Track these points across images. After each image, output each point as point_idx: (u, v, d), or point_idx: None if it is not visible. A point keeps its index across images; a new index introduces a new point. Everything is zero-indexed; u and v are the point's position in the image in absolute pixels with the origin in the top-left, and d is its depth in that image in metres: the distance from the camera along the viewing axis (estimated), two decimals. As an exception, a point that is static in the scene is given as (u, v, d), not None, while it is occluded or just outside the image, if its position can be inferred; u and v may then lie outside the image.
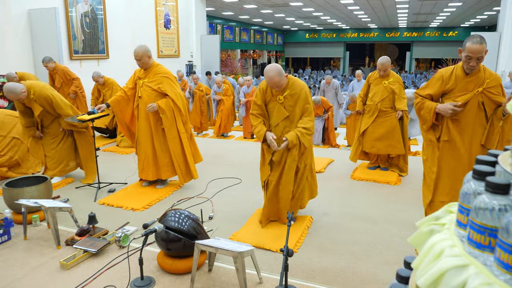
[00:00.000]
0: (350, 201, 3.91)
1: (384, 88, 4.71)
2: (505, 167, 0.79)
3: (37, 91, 4.13)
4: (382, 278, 2.55)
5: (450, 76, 2.85)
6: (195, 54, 13.17)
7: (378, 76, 4.83)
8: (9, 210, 3.19)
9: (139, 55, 4.01)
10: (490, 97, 2.77)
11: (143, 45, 4.10)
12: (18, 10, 7.47)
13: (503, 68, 10.14)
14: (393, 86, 4.69)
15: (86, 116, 4.13)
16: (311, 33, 28.23)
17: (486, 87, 2.76)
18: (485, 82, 2.77)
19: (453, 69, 2.86)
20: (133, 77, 4.20)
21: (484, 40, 2.59)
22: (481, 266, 0.71)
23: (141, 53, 4.00)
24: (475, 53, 2.60)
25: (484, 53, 2.61)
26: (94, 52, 9.18)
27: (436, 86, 2.90)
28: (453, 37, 24.16)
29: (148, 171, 4.10)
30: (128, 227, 3.24)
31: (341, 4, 15.46)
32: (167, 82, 4.02)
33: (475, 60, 2.63)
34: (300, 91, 3.09)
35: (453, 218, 0.90)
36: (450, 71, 2.86)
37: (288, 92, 3.10)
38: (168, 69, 4.19)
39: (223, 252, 2.25)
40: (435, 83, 2.91)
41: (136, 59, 4.04)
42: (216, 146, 6.51)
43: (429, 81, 3.00)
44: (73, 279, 2.51)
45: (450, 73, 2.86)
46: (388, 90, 4.69)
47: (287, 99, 3.11)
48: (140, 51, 4.01)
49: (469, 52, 2.62)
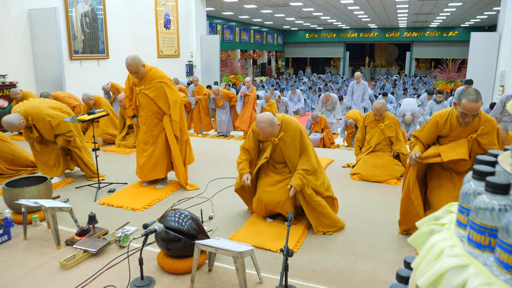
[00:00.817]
0: (350, 201, 3.91)
1: (381, 131, 4.72)
2: (505, 167, 0.79)
3: (35, 117, 4.07)
4: (382, 278, 2.55)
5: (444, 124, 2.83)
6: (195, 54, 13.17)
7: (373, 119, 4.79)
8: (9, 210, 3.19)
9: (134, 68, 3.79)
10: (481, 144, 2.77)
11: (134, 56, 3.81)
12: (18, 10, 7.47)
13: (503, 68, 10.15)
14: (389, 129, 4.69)
15: (86, 116, 4.13)
16: (311, 33, 28.23)
17: (480, 133, 2.75)
18: (479, 128, 2.75)
19: (448, 116, 2.81)
20: (128, 83, 4.07)
21: (479, 96, 2.55)
22: (481, 266, 0.71)
23: (135, 65, 3.78)
24: (470, 111, 2.56)
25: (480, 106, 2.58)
26: (94, 52, 9.18)
27: (430, 131, 2.91)
28: (453, 37, 24.17)
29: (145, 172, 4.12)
30: (128, 227, 3.24)
31: (341, 4, 15.47)
32: (164, 91, 3.91)
33: (471, 116, 2.61)
34: (295, 132, 3.10)
35: (453, 218, 0.90)
36: (445, 118, 2.82)
37: (282, 134, 3.11)
38: (163, 72, 4.06)
39: (223, 252, 2.25)
40: (430, 129, 2.91)
41: (133, 73, 3.84)
42: (216, 146, 6.51)
43: (424, 124, 3.01)
44: (73, 279, 2.51)
45: (445, 120, 2.82)
46: (384, 133, 4.71)
47: (281, 141, 3.12)
48: (134, 63, 3.77)
49: (464, 109, 2.57)
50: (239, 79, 13.39)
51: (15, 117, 3.95)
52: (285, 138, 3.11)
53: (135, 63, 3.78)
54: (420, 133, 3.00)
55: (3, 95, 7.26)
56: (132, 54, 3.85)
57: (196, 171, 4.78)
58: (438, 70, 11.23)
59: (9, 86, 7.25)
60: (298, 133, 3.11)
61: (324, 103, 8.81)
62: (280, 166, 3.25)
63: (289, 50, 30.25)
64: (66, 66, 8.14)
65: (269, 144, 3.19)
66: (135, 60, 3.78)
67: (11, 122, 3.91)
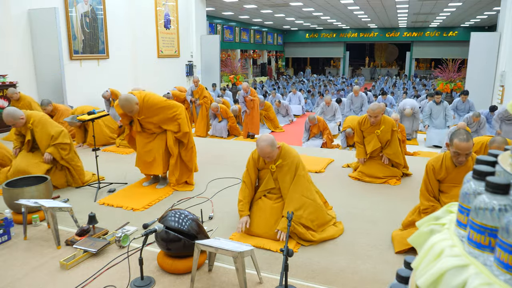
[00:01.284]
0: (350, 201, 3.91)
1: (377, 138, 4.53)
2: (505, 167, 0.79)
3: (37, 119, 4.10)
4: (382, 278, 2.55)
5: (440, 168, 2.88)
6: (195, 54, 13.17)
7: (369, 125, 4.56)
8: (9, 210, 3.19)
9: (128, 108, 3.71)
10: None
11: (126, 96, 3.69)
12: (18, 10, 7.47)
13: (503, 68, 10.14)
14: (385, 135, 4.51)
15: (86, 116, 4.14)
16: (311, 33, 28.23)
17: None
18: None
19: (442, 160, 2.88)
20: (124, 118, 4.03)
21: (470, 136, 2.62)
22: (481, 266, 0.71)
23: (129, 105, 3.71)
24: (463, 150, 2.62)
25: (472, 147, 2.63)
26: (94, 52, 9.18)
27: (431, 179, 2.92)
28: (453, 37, 24.17)
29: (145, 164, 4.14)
30: (128, 227, 3.24)
31: (341, 4, 15.46)
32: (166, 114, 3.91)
33: (464, 156, 2.66)
34: (292, 162, 3.07)
35: (453, 218, 0.90)
36: (440, 162, 2.88)
37: (280, 161, 3.07)
38: (158, 96, 4.00)
39: (223, 252, 2.25)
40: (430, 177, 2.92)
41: (128, 112, 3.77)
42: (216, 146, 6.51)
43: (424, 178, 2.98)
44: (73, 279, 2.51)
45: (440, 164, 2.87)
46: (381, 139, 4.53)
47: (279, 168, 3.09)
48: (128, 104, 3.69)
49: (456, 149, 2.64)
50: (239, 79, 13.38)
51: (17, 111, 3.99)
52: (283, 166, 3.07)
53: (128, 104, 3.71)
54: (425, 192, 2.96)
55: (3, 95, 7.26)
56: (123, 95, 3.74)
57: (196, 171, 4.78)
58: (438, 70, 11.21)
59: (9, 86, 7.25)
60: (295, 164, 3.07)
61: (324, 110, 8.55)
62: (274, 196, 3.17)
63: (289, 50, 30.25)
64: (66, 66, 8.13)
65: (266, 173, 3.16)
66: (128, 101, 3.69)
67: (13, 113, 3.94)
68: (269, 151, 2.96)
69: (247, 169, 3.25)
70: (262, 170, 3.22)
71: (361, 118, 4.68)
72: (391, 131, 4.52)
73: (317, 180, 4.57)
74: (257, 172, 3.25)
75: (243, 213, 3.13)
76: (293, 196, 3.02)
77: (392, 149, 4.53)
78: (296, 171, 3.07)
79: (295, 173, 3.07)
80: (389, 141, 4.54)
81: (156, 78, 11.17)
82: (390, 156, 4.54)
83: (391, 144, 4.54)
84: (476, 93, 10.55)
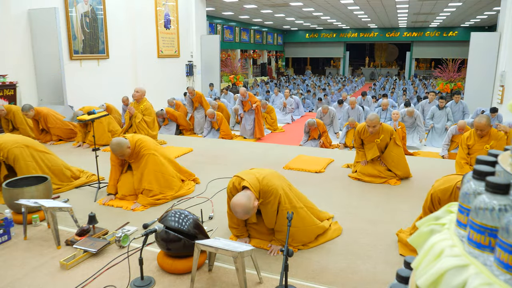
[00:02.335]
0: (350, 201, 3.91)
1: (377, 147, 4.54)
2: (505, 167, 0.79)
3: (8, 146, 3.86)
4: (382, 278, 2.55)
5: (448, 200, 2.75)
6: (195, 54, 13.17)
7: (368, 134, 4.52)
8: (9, 210, 3.19)
9: (120, 152, 3.68)
10: None
11: (118, 140, 3.69)
12: (18, 10, 7.47)
13: (503, 68, 10.15)
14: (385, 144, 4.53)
15: (86, 116, 4.14)
16: (311, 33, 28.24)
17: None
18: None
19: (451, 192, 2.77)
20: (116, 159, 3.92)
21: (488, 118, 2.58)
22: (481, 266, 0.71)
23: (120, 149, 3.67)
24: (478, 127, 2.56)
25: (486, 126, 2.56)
26: (94, 52, 9.18)
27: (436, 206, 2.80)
28: (453, 37, 24.18)
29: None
30: (128, 227, 3.24)
31: (341, 4, 15.47)
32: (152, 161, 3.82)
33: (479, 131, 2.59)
34: (275, 199, 2.76)
35: (453, 218, 0.90)
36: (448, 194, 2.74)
37: (262, 200, 2.79)
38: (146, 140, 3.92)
39: (223, 252, 2.25)
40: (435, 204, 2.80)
41: (119, 155, 3.74)
42: (216, 146, 6.51)
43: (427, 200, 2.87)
44: (73, 279, 2.51)
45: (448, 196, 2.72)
46: (381, 147, 4.55)
47: (262, 206, 2.81)
48: (119, 148, 3.66)
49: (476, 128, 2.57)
50: (239, 79, 13.38)
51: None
52: (266, 204, 2.78)
53: (119, 148, 3.65)
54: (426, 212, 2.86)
55: (3, 95, 7.25)
56: (115, 139, 3.72)
57: (196, 171, 4.78)
58: (438, 70, 11.22)
59: (9, 86, 7.25)
60: (277, 200, 2.76)
61: (322, 117, 8.36)
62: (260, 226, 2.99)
63: (289, 50, 30.26)
64: (66, 66, 8.13)
65: None
66: (119, 145, 3.66)
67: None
68: (246, 216, 2.66)
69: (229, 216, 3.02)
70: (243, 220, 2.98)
71: (360, 127, 4.64)
72: (389, 139, 4.52)
73: (317, 180, 4.58)
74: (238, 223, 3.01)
75: (243, 236, 3.00)
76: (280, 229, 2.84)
77: (393, 159, 4.50)
78: (279, 206, 2.78)
79: (278, 208, 2.78)
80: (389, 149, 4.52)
81: (156, 78, 11.17)
82: (390, 165, 4.52)
83: (391, 154, 4.51)
84: (476, 93, 10.55)
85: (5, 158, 3.85)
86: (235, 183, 2.83)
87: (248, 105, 8.15)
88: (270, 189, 2.74)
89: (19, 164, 3.85)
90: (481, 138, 4.37)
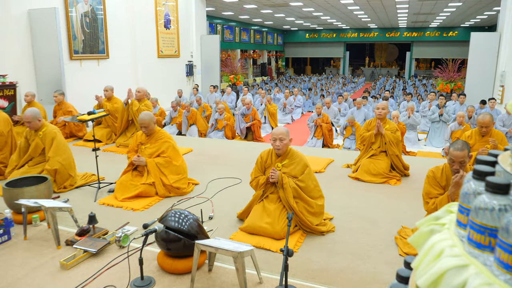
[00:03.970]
0: (350, 201, 3.91)
1: (382, 137, 4.70)
2: (505, 167, 0.79)
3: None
4: (382, 278, 2.55)
5: (441, 176, 2.96)
6: (195, 54, 13.17)
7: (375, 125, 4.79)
8: (9, 210, 3.19)
9: (145, 122, 4.01)
10: None
11: (148, 112, 4.07)
12: (18, 10, 7.47)
13: (503, 68, 10.14)
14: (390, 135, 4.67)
15: (86, 116, 4.14)
16: (311, 33, 28.23)
17: None
18: None
19: (442, 169, 2.96)
20: (135, 140, 4.21)
21: (466, 146, 2.74)
22: (481, 266, 0.71)
23: (148, 120, 4.00)
24: (457, 158, 2.73)
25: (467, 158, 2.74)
26: (94, 52, 9.18)
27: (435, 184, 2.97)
28: (453, 37, 24.17)
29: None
30: (128, 227, 3.24)
31: (341, 4, 15.46)
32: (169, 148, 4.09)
33: (457, 163, 2.75)
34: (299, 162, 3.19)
35: (453, 218, 0.90)
36: (440, 171, 2.97)
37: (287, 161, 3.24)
38: (169, 134, 4.24)
39: (223, 252, 2.25)
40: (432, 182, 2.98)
41: (143, 126, 4.04)
42: (216, 146, 6.51)
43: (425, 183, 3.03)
44: (73, 279, 2.51)
45: (441, 173, 2.96)
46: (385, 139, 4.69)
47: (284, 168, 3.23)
48: (147, 118, 4.00)
49: (451, 157, 2.76)
50: (239, 79, 13.37)
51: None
52: (289, 165, 3.19)
53: (148, 118, 4.00)
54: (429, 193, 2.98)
55: (3, 95, 7.25)
56: (144, 112, 4.08)
57: (196, 171, 4.78)
58: (438, 70, 11.21)
59: (9, 86, 7.24)
60: (302, 164, 3.18)
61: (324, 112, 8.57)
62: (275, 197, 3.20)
63: (289, 50, 30.24)
64: (66, 66, 8.13)
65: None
66: (148, 115, 4.02)
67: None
68: (283, 131, 3.13)
69: (255, 169, 3.39)
70: (268, 169, 3.29)
71: (369, 120, 5.00)
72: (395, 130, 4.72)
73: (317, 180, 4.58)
74: (264, 170, 3.34)
75: (262, 178, 3.25)
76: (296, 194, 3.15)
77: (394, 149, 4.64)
78: (304, 170, 3.17)
79: (303, 171, 3.16)
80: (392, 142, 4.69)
81: (156, 78, 11.17)
82: (393, 156, 4.62)
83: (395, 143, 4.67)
84: (476, 93, 10.55)
85: (44, 135, 4.12)
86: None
87: (248, 119, 7.86)
88: (297, 154, 3.23)
89: (57, 141, 4.10)
90: (483, 138, 4.39)
